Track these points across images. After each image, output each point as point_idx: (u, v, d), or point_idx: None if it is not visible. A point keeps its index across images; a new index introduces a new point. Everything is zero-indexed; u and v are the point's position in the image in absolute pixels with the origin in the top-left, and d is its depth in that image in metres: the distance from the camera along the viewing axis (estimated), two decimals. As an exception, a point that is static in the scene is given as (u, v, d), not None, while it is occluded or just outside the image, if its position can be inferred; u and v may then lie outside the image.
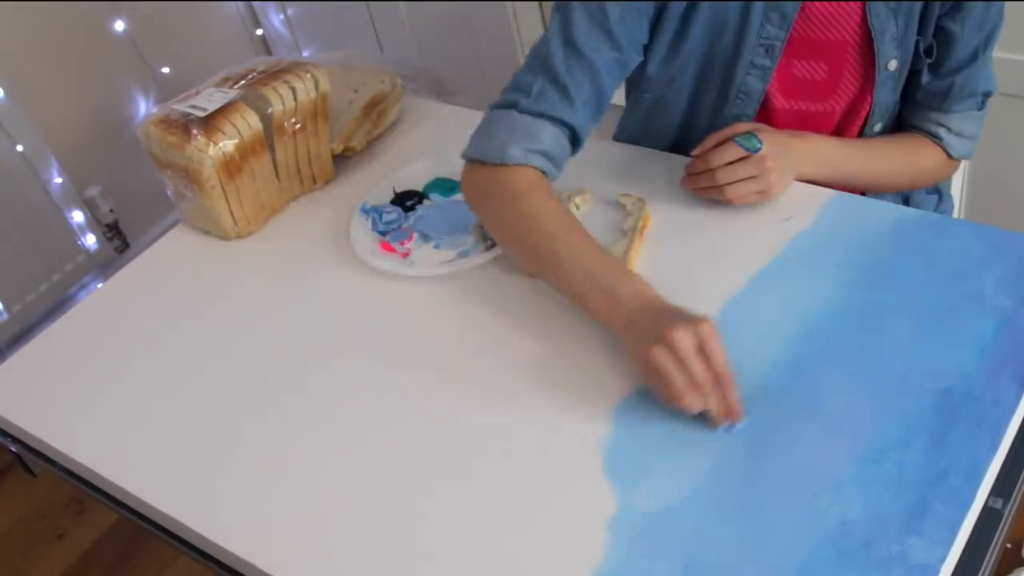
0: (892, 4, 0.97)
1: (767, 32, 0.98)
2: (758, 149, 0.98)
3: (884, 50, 1.00)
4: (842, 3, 0.98)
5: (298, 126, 1.15)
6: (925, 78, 1.03)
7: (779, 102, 1.05)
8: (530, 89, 0.98)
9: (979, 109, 1.08)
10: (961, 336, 0.84)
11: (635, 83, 1.10)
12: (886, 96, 1.04)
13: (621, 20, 0.96)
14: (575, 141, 1.00)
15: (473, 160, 0.99)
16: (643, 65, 1.04)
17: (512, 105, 0.98)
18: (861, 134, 1.08)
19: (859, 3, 0.97)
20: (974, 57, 1.01)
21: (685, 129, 1.10)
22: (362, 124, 1.24)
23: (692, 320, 0.81)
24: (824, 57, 1.01)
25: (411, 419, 0.89)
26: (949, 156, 1.09)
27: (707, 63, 1.03)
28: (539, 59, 0.99)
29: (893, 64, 1.01)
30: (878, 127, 1.08)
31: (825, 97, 1.04)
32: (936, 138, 1.08)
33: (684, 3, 0.98)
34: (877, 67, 1.01)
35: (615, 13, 0.96)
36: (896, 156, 1.08)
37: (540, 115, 0.97)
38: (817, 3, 0.98)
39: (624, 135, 1.17)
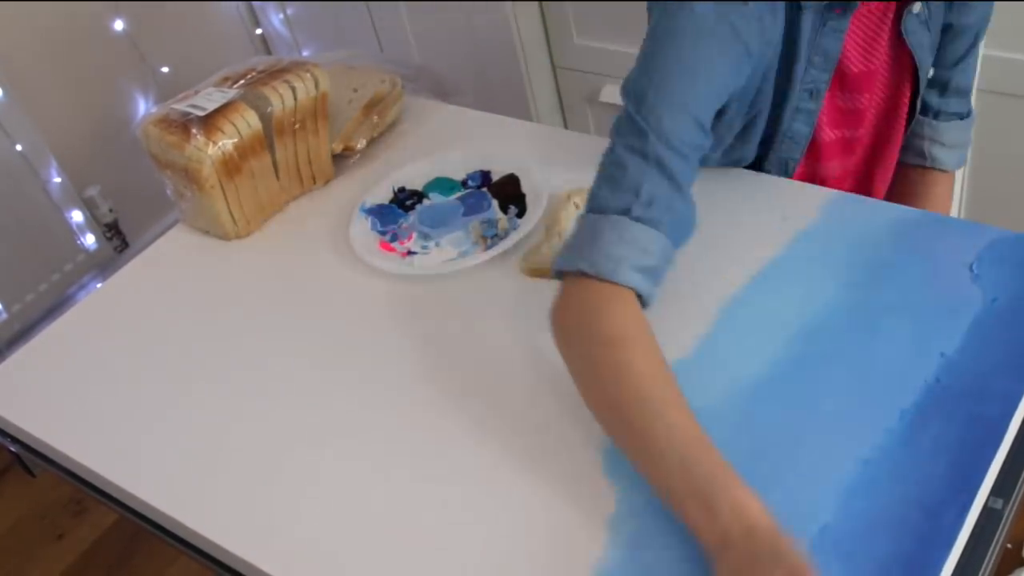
0: (922, 16, 0.96)
1: (811, 76, 0.95)
2: None
3: (923, 61, 1.00)
4: (873, 30, 0.96)
5: (298, 126, 1.15)
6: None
7: (827, 135, 1.03)
8: (640, 192, 0.83)
9: (963, 118, 1.09)
10: (961, 336, 0.84)
11: None
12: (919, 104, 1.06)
13: (706, 103, 0.87)
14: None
15: (573, 271, 0.82)
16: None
17: (623, 212, 0.83)
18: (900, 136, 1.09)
19: (886, 28, 0.96)
20: (971, 47, 1.03)
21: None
22: (362, 124, 1.24)
23: (792, 569, 0.67)
24: (864, 87, 1.00)
25: (411, 419, 0.89)
26: (949, 171, 1.10)
27: (759, 117, 0.99)
28: (640, 156, 0.84)
29: (932, 71, 1.02)
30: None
31: (862, 123, 1.04)
32: (933, 160, 1.09)
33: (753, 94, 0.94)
34: (920, 79, 1.01)
35: (702, 100, 0.86)
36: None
37: (654, 222, 0.83)
38: (853, 34, 0.95)
39: None
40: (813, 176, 1.07)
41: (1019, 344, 0.82)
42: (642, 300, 0.83)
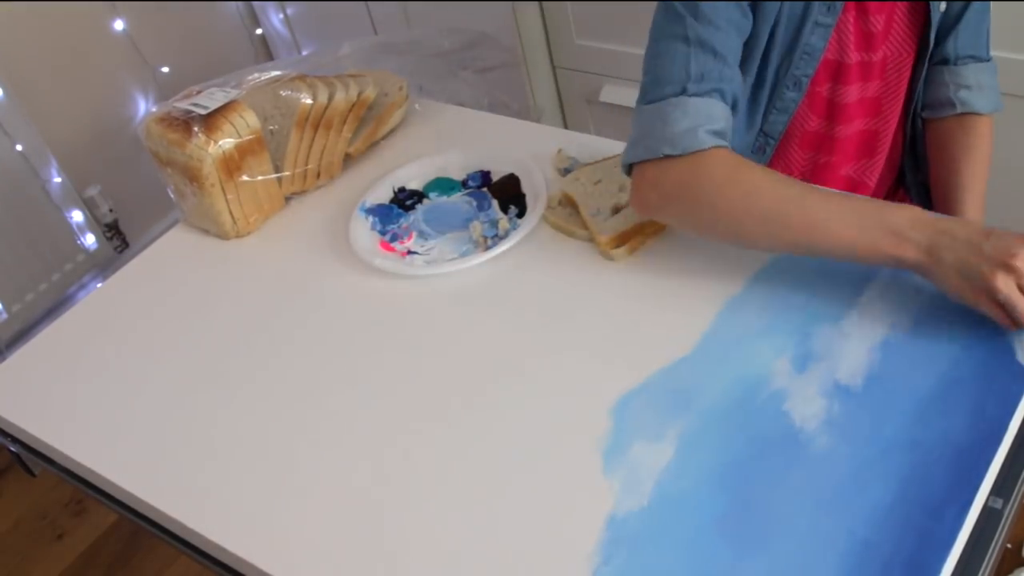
0: None
1: None
2: None
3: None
4: None
5: (323, 123, 1.16)
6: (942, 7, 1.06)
7: (853, 56, 1.05)
8: (689, 72, 0.91)
9: (988, 59, 1.11)
10: (961, 335, 0.83)
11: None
12: (932, 40, 1.07)
13: None
14: (734, 109, 0.96)
15: (657, 158, 0.90)
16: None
17: (680, 92, 0.91)
18: (914, 77, 1.10)
19: None
20: None
21: (749, 105, 1.10)
22: (363, 127, 1.24)
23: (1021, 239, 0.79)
24: (882, 8, 1.03)
25: (410, 419, 0.89)
26: (983, 113, 1.11)
27: (784, 32, 1.03)
28: (681, 42, 0.92)
29: (943, 6, 1.04)
30: (923, 75, 1.10)
31: (879, 47, 1.06)
32: (963, 104, 1.10)
33: None
34: (932, 10, 1.03)
35: None
36: (984, 169, 1.12)
37: (710, 92, 0.91)
38: None
39: None
40: (833, 108, 1.09)
41: (1020, 344, 0.82)
42: None
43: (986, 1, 1.08)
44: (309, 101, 1.15)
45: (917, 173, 1.19)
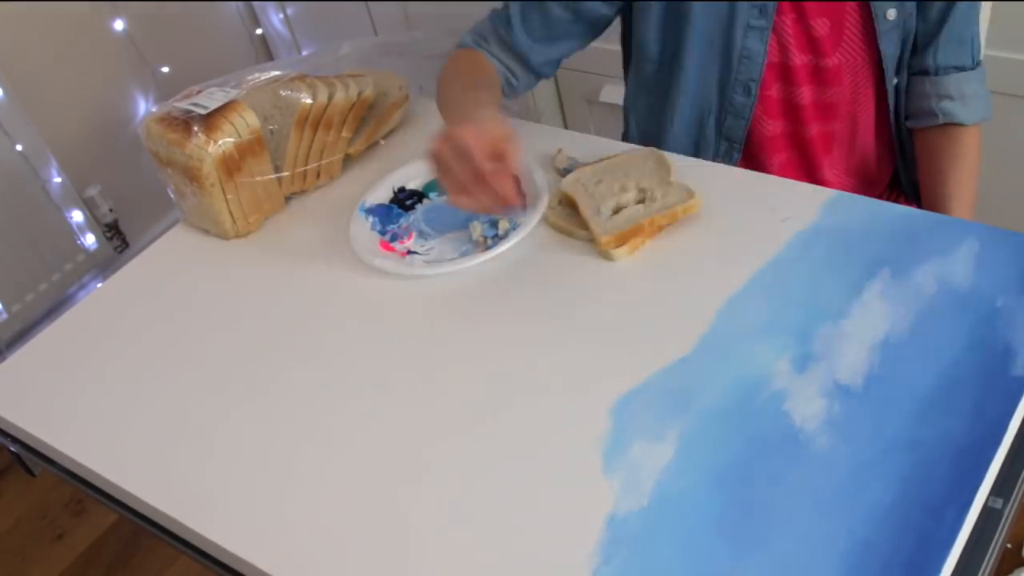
0: None
1: None
2: None
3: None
4: None
5: (325, 122, 1.16)
6: (917, 24, 1.05)
7: (797, 58, 1.05)
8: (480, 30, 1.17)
9: (973, 67, 1.08)
10: (961, 336, 0.84)
11: (640, 68, 1.09)
12: (891, 47, 1.05)
13: None
14: (526, 67, 1.17)
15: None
16: (641, 40, 1.08)
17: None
18: (883, 88, 1.09)
19: None
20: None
21: (698, 111, 1.09)
22: (363, 127, 1.24)
23: (475, 124, 0.93)
24: (825, 12, 1.02)
25: (410, 419, 0.89)
26: (967, 124, 1.09)
27: (707, 33, 1.03)
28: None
29: (892, 13, 1.02)
30: (895, 81, 1.09)
31: (830, 52, 1.05)
32: (944, 115, 1.08)
33: None
34: (876, 18, 1.02)
35: None
36: (972, 179, 1.10)
37: (480, 44, 1.16)
38: None
39: (638, 134, 1.17)
40: (790, 109, 1.09)
41: (1020, 344, 0.82)
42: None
43: (975, 2, 1.06)
44: (309, 101, 1.15)
45: (909, 174, 1.19)
